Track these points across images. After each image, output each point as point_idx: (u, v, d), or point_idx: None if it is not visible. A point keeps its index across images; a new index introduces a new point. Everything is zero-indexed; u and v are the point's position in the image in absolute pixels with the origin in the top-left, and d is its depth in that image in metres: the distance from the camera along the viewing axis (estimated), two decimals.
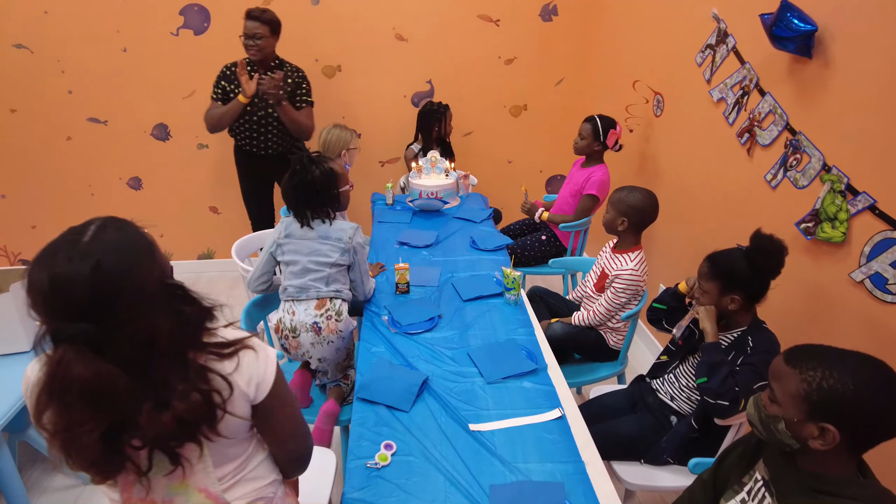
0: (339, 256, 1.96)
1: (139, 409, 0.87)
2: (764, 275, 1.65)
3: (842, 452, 1.06)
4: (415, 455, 1.43)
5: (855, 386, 1.00)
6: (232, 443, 1.05)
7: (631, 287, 2.14)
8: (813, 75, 1.90)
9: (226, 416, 0.98)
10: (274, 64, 3.03)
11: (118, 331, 0.84)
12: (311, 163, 1.95)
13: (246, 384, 1.02)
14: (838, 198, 1.79)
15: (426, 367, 1.76)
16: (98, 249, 0.85)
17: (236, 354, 1.00)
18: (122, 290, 0.84)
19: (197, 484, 1.03)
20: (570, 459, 1.41)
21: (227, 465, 1.06)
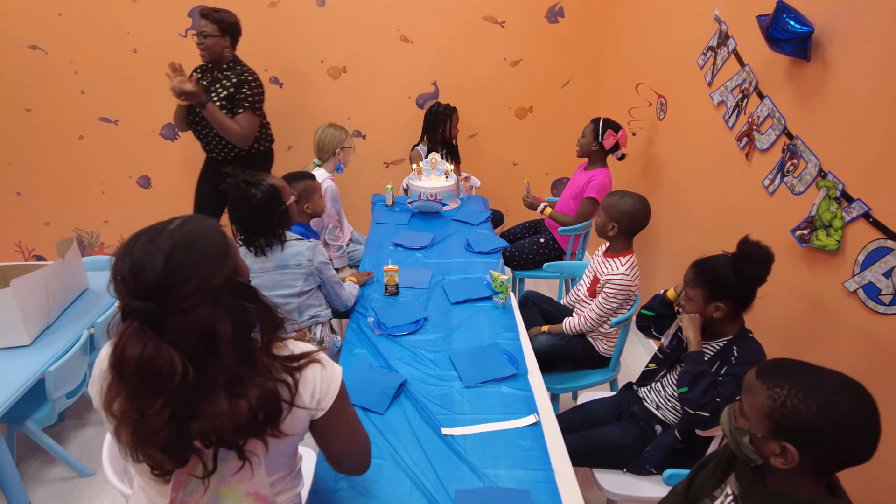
0: (304, 284, 1.92)
1: (208, 399, 0.89)
2: (749, 282, 1.61)
3: (806, 474, 1.02)
4: (384, 458, 1.42)
5: (818, 408, 0.96)
6: (285, 452, 1.07)
7: (622, 292, 2.11)
8: (810, 78, 1.85)
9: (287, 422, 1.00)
10: (226, 66, 2.94)
11: (180, 316, 0.86)
12: (249, 185, 1.85)
13: (310, 398, 1.04)
14: (833, 205, 1.74)
15: (406, 370, 1.76)
16: (177, 237, 0.90)
17: (303, 368, 1.02)
18: (190, 277, 0.87)
19: (248, 489, 1.03)
20: (540, 467, 1.39)
21: (278, 472, 1.08)
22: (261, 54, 3.59)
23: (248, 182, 1.85)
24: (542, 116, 3.83)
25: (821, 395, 0.97)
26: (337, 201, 2.84)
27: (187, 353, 0.86)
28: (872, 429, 0.97)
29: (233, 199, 1.85)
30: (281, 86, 3.69)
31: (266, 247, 1.89)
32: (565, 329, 2.23)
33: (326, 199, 2.79)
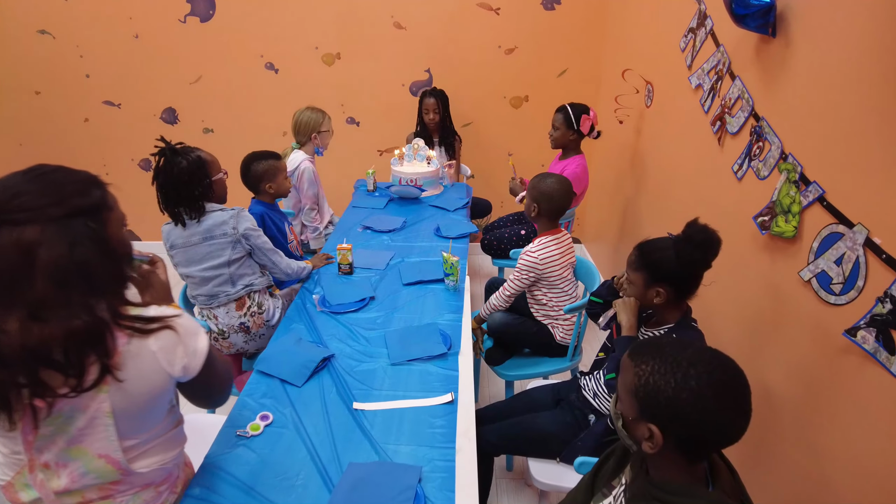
0: (231, 252, 1.90)
1: (7, 312, 0.88)
2: (691, 268, 1.52)
3: (677, 458, 0.95)
4: (288, 428, 1.40)
5: (676, 384, 0.89)
6: (141, 415, 1.05)
7: (525, 270, 2.08)
8: (775, 55, 1.74)
9: (132, 382, 0.99)
10: None
11: (7, 224, 0.88)
12: (175, 154, 1.83)
13: (168, 363, 1.02)
14: (793, 189, 1.63)
15: (337, 346, 1.73)
16: (49, 166, 0.98)
17: (155, 333, 1.01)
18: (31, 193, 0.91)
19: (98, 450, 1.02)
20: (443, 445, 1.34)
21: (136, 437, 1.06)
22: (256, 40, 3.64)
23: (175, 151, 1.84)
24: (538, 106, 3.75)
25: (680, 370, 0.90)
26: (314, 184, 2.84)
27: (3, 264, 0.88)
28: (733, 405, 0.89)
29: (157, 166, 1.84)
30: (276, 72, 3.72)
31: (187, 217, 1.88)
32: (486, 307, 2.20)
33: (303, 180, 2.80)
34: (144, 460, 1.08)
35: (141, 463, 1.07)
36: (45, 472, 1.01)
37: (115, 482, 1.06)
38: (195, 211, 1.88)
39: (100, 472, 1.03)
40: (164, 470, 1.13)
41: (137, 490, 1.09)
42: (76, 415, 0.98)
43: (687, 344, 0.96)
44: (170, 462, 1.14)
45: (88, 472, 1.02)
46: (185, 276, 1.96)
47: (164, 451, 1.12)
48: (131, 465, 1.05)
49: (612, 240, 3.44)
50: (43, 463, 1.01)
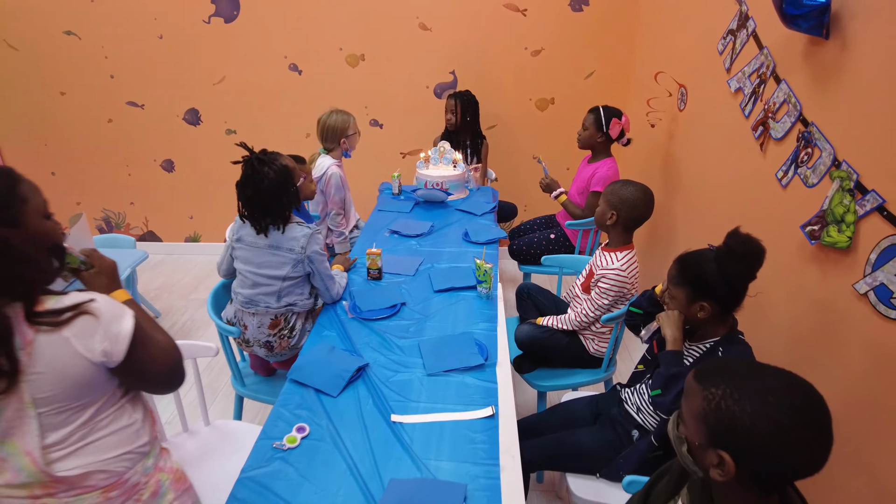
0: (291, 269, 1.87)
1: None
2: (734, 281, 1.45)
3: (748, 489, 0.89)
4: (325, 441, 1.36)
5: (753, 411, 0.83)
6: (65, 406, 1.02)
7: (615, 288, 1.97)
8: (828, 58, 1.67)
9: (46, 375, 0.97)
10: None
11: None
12: (262, 164, 1.81)
13: (86, 348, 0.99)
14: (847, 197, 1.56)
15: (371, 355, 1.69)
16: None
17: (70, 322, 0.98)
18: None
19: (24, 446, 1.00)
20: (486, 462, 1.30)
21: (59, 431, 1.02)
22: (280, 41, 3.62)
23: (261, 160, 1.81)
24: (565, 109, 3.69)
25: (755, 395, 0.84)
26: (342, 189, 2.80)
27: None
28: (814, 434, 0.83)
29: (245, 177, 1.81)
30: (300, 73, 3.70)
31: (273, 228, 1.85)
32: (557, 324, 2.10)
33: (330, 185, 2.77)
34: (72, 461, 1.04)
35: (65, 465, 1.03)
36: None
37: (47, 483, 1.03)
38: (282, 221, 1.86)
39: (29, 472, 1.00)
40: (111, 473, 1.08)
41: (79, 492, 1.06)
42: (3, 405, 0.97)
43: (760, 366, 0.91)
44: (117, 464, 1.09)
45: (21, 469, 1.00)
46: (238, 271, 1.94)
47: (103, 451, 1.08)
48: (50, 466, 1.01)
49: (642, 246, 3.36)
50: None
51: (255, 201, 1.82)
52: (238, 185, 1.87)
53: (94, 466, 1.06)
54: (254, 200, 1.82)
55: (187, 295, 3.68)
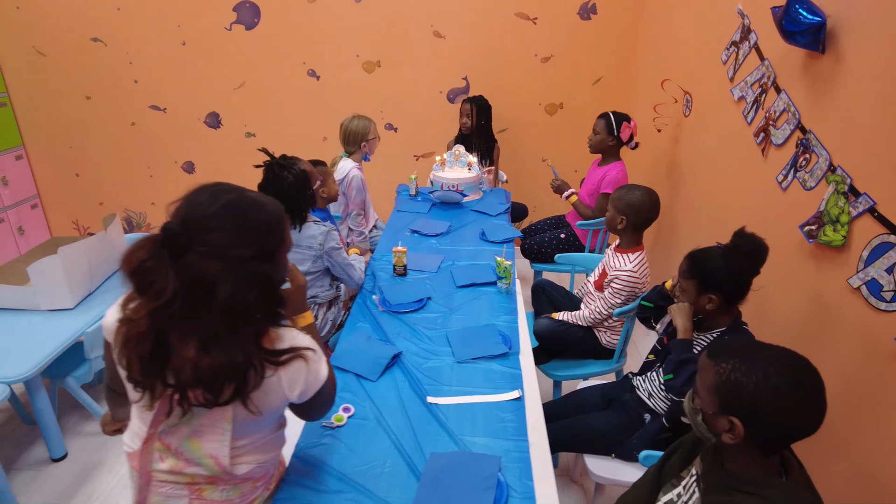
0: (311, 264, 2.01)
1: (182, 337, 0.97)
2: (740, 275, 1.60)
3: (755, 451, 1.04)
4: (369, 420, 1.50)
5: (758, 380, 0.98)
6: (253, 426, 1.14)
7: (627, 288, 2.11)
8: (824, 71, 1.82)
9: (257, 402, 1.06)
10: None
11: (195, 256, 0.94)
12: (282, 168, 1.95)
13: (289, 388, 1.09)
14: (841, 199, 1.71)
15: (403, 344, 1.83)
16: (240, 198, 1.02)
17: (289, 363, 1.07)
18: (222, 232, 0.97)
19: (209, 450, 1.10)
20: (516, 438, 1.44)
21: (245, 438, 1.15)
22: (299, 48, 3.76)
23: (281, 165, 1.96)
24: (573, 113, 3.84)
25: (759, 367, 0.99)
26: (362, 191, 2.94)
27: (185, 287, 0.94)
28: (810, 399, 0.97)
29: (266, 180, 1.97)
30: (318, 78, 3.84)
31: (293, 223, 2.01)
32: (572, 319, 2.24)
33: (352, 187, 2.91)
34: (245, 459, 1.17)
35: (242, 462, 1.16)
36: (165, 452, 1.13)
37: (219, 477, 1.16)
38: (300, 221, 2.01)
39: (207, 467, 1.13)
40: (263, 468, 1.22)
41: (238, 482, 1.19)
42: (202, 413, 1.08)
43: (763, 344, 1.05)
44: (267, 462, 1.23)
45: (199, 464, 1.13)
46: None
47: (264, 453, 1.21)
48: (233, 468, 1.14)
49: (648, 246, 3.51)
50: (165, 444, 1.12)
51: (297, 195, 1.98)
52: (259, 188, 2.01)
53: (256, 464, 1.18)
54: (296, 195, 1.98)
55: None
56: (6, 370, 2.08)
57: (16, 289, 2.44)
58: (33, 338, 2.27)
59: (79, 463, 2.40)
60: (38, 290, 2.44)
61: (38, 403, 2.28)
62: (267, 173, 1.97)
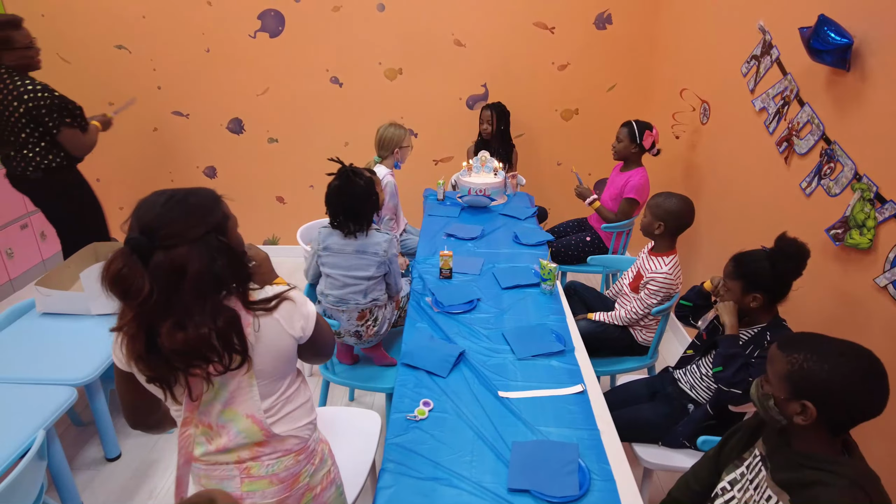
0: (376, 270, 2.14)
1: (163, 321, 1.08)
2: (784, 277, 1.75)
3: (823, 432, 1.18)
4: (449, 413, 1.63)
5: (830, 368, 1.13)
6: (275, 375, 1.27)
7: (664, 290, 2.25)
8: (849, 87, 1.97)
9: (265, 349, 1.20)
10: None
11: (162, 251, 1.06)
12: (355, 175, 2.08)
13: (289, 326, 1.24)
14: (867, 206, 1.87)
15: (463, 343, 1.96)
16: (175, 193, 1.13)
17: (278, 306, 1.22)
18: (173, 220, 1.09)
19: (244, 410, 1.23)
20: (586, 427, 1.58)
21: (271, 398, 1.27)
22: (322, 56, 3.86)
23: (354, 172, 2.10)
24: (588, 119, 3.99)
25: (830, 357, 1.14)
26: (395, 195, 3.06)
27: (160, 281, 1.05)
28: (876, 385, 1.13)
29: (339, 186, 2.08)
30: (341, 85, 3.94)
31: (357, 231, 2.12)
32: (609, 319, 2.38)
33: (386, 193, 3.02)
34: (281, 426, 1.29)
35: (279, 427, 1.28)
36: (208, 433, 1.24)
37: (260, 443, 1.27)
38: (367, 226, 2.12)
39: (248, 433, 1.25)
40: (300, 439, 1.33)
41: (280, 455, 1.30)
42: (228, 381, 1.21)
43: (828, 337, 1.20)
44: (302, 428, 1.34)
45: (240, 432, 1.24)
46: (327, 275, 2.18)
47: (296, 420, 1.33)
48: (272, 427, 1.26)
49: None
50: (207, 425, 1.24)
51: (347, 208, 2.09)
52: (332, 195, 2.12)
53: (291, 432, 1.30)
54: (347, 207, 2.08)
55: None
56: (71, 373, 2.17)
57: (71, 295, 2.52)
58: (89, 342, 2.36)
59: (134, 462, 2.49)
60: (90, 295, 2.51)
61: (96, 405, 2.37)
62: (340, 179, 2.08)
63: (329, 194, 2.12)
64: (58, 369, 2.18)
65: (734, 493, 1.38)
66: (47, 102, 2.76)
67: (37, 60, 2.89)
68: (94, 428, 2.66)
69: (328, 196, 2.13)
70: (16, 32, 2.76)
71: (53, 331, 2.43)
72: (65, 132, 2.86)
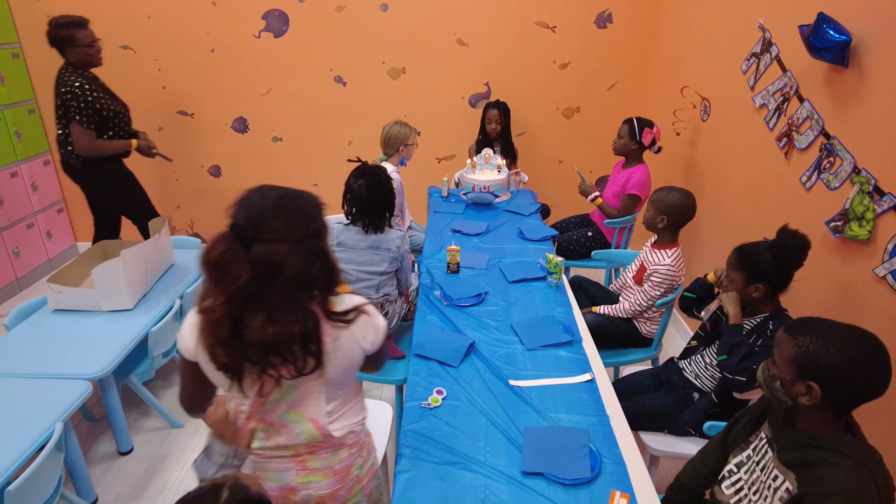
0: (388, 265, 2.18)
1: (253, 312, 1.12)
2: (786, 267, 1.80)
3: (828, 412, 1.23)
4: (462, 401, 1.67)
5: (835, 350, 1.18)
6: (342, 384, 1.30)
7: (667, 281, 2.30)
8: (848, 83, 2.02)
9: (339, 360, 1.23)
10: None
11: (263, 244, 1.10)
12: (381, 172, 2.15)
13: (363, 340, 1.27)
14: (866, 198, 1.92)
15: (473, 334, 2.00)
16: (287, 192, 1.18)
17: (356, 319, 1.25)
18: (281, 219, 1.13)
19: (309, 415, 1.26)
20: (595, 413, 1.62)
21: (334, 402, 1.31)
22: (326, 55, 3.90)
23: (381, 170, 2.16)
24: (589, 117, 4.04)
25: (836, 340, 1.19)
26: (401, 192, 3.10)
27: (257, 272, 1.10)
28: (879, 367, 1.17)
29: (367, 183, 2.13)
30: (344, 84, 3.98)
31: (375, 228, 2.17)
32: (613, 312, 2.43)
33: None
34: (339, 423, 1.32)
35: (337, 426, 1.32)
36: (269, 430, 1.28)
37: (319, 442, 1.31)
38: (387, 223, 2.18)
39: (308, 435, 1.28)
40: (354, 434, 1.37)
41: (335, 449, 1.34)
42: (298, 384, 1.24)
43: (834, 322, 1.25)
44: (356, 425, 1.37)
45: (301, 433, 1.28)
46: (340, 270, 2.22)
47: (352, 417, 1.37)
48: (330, 428, 1.30)
49: None
50: (268, 422, 1.27)
51: (372, 206, 2.14)
52: (358, 193, 2.16)
53: (348, 428, 1.33)
54: (371, 205, 2.13)
55: None
56: (85, 368, 2.20)
57: (83, 291, 2.55)
58: (101, 338, 2.39)
59: (146, 456, 2.52)
60: (101, 292, 2.55)
61: (109, 399, 2.41)
62: (367, 178, 2.13)
63: (354, 192, 2.17)
64: (72, 364, 2.22)
65: (741, 475, 1.43)
66: (76, 97, 2.95)
67: (98, 58, 3.12)
68: (105, 423, 2.71)
69: (353, 194, 2.17)
70: (80, 32, 3.01)
71: (66, 327, 2.47)
72: (73, 127, 3.00)
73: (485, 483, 1.38)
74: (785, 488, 1.26)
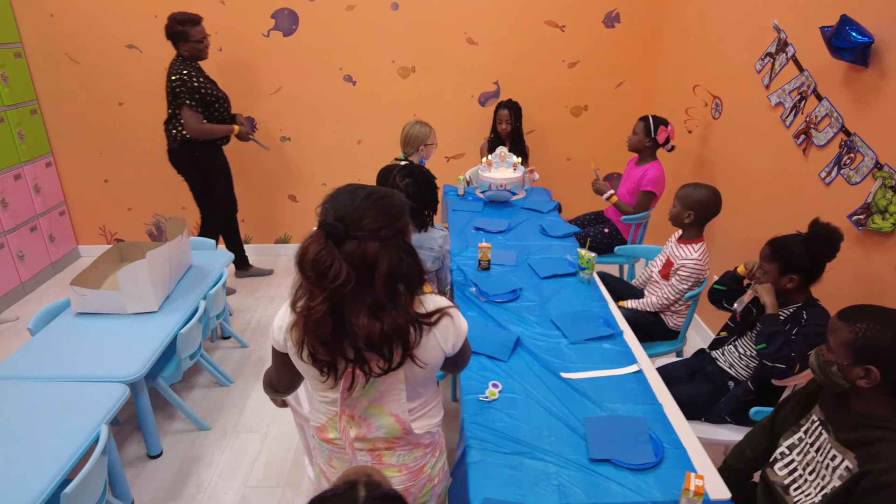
0: (431, 264, 2.22)
1: (355, 310, 1.14)
2: (820, 259, 1.88)
3: (885, 394, 1.30)
4: (518, 393, 1.71)
5: (892, 335, 1.25)
6: (422, 383, 1.33)
7: (694, 275, 2.37)
8: (868, 83, 2.11)
9: (423, 361, 1.24)
10: None
11: (354, 241, 1.13)
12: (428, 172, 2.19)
13: (444, 342, 1.28)
14: (889, 192, 2.01)
15: (515, 329, 2.04)
16: (375, 190, 1.20)
17: (438, 323, 1.26)
18: (371, 217, 1.15)
19: (390, 409, 1.29)
20: (648, 402, 1.68)
21: (416, 401, 1.33)
22: (336, 54, 3.90)
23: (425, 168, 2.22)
24: (597, 115, 4.11)
25: (892, 325, 1.26)
26: None
27: (354, 269, 1.12)
28: None
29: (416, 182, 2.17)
30: (354, 83, 3.98)
31: (420, 226, 2.20)
32: (641, 306, 2.50)
33: None
34: (420, 422, 1.35)
35: (417, 424, 1.34)
36: (350, 422, 1.31)
37: (398, 438, 1.34)
38: (428, 220, 2.22)
39: (389, 429, 1.31)
40: (431, 434, 1.40)
41: (412, 447, 1.37)
42: (379, 381, 1.27)
43: (886, 308, 1.32)
44: (434, 426, 1.41)
45: (381, 427, 1.31)
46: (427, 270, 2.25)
47: (431, 417, 1.39)
48: (412, 425, 1.33)
49: None
50: (349, 415, 1.30)
51: (416, 202, 2.14)
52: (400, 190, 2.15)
53: (427, 428, 1.36)
54: (415, 201, 2.13)
55: (253, 293, 3.94)
56: (120, 371, 2.19)
57: (108, 294, 2.53)
58: (129, 340, 2.38)
59: (176, 459, 2.52)
60: (126, 294, 2.53)
61: (140, 402, 2.39)
62: (416, 177, 2.16)
63: (401, 191, 2.17)
64: (105, 367, 2.20)
65: (793, 457, 1.49)
66: (184, 83, 3.29)
67: (206, 53, 3.44)
68: (130, 427, 2.69)
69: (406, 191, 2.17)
70: (193, 28, 3.33)
71: (92, 330, 2.44)
72: (184, 110, 3.33)
73: (556, 471, 1.43)
74: (844, 467, 1.33)
